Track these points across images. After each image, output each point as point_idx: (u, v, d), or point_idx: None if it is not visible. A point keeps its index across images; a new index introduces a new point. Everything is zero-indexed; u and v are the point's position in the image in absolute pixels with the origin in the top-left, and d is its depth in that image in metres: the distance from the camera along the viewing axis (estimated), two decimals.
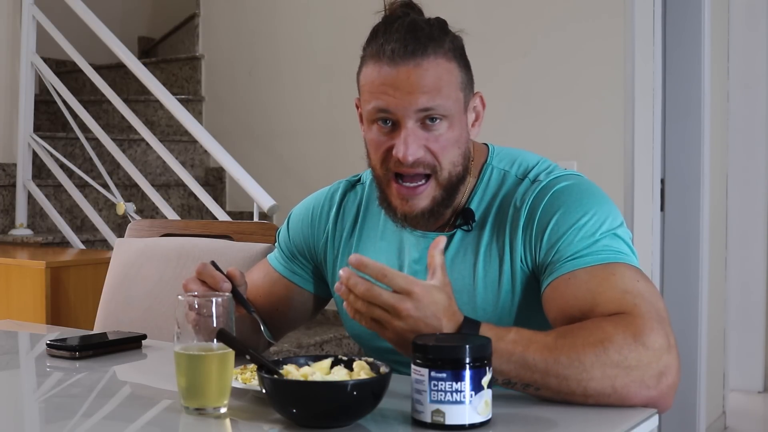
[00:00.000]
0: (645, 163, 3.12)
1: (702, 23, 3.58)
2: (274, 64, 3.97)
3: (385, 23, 1.30)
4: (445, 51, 1.29)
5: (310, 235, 1.51)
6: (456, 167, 1.32)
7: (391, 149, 1.29)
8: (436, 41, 1.28)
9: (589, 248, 1.24)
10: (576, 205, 1.29)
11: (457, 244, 1.36)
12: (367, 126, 1.33)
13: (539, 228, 1.29)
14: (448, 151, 1.30)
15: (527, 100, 3.23)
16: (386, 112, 1.28)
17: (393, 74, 1.27)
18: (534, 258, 1.30)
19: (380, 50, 1.28)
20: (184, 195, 4.00)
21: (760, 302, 4.66)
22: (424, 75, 1.26)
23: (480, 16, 3.30)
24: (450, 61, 1.29)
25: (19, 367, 1.51)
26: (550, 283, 1.25)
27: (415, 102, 1.26)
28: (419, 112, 1.27)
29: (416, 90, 1.26)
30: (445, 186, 1.31)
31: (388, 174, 1.32)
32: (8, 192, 3.57)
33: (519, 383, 1.13)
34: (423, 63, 1.26)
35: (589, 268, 1.22)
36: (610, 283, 1.20)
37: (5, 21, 3.64)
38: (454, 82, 1.30)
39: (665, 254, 3.60)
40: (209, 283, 1.31)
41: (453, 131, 1.30)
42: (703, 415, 3.60)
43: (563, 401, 1.13)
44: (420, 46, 1.27)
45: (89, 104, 3.90)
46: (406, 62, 1.26)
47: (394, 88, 1.27)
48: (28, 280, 2.68)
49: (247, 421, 1.12)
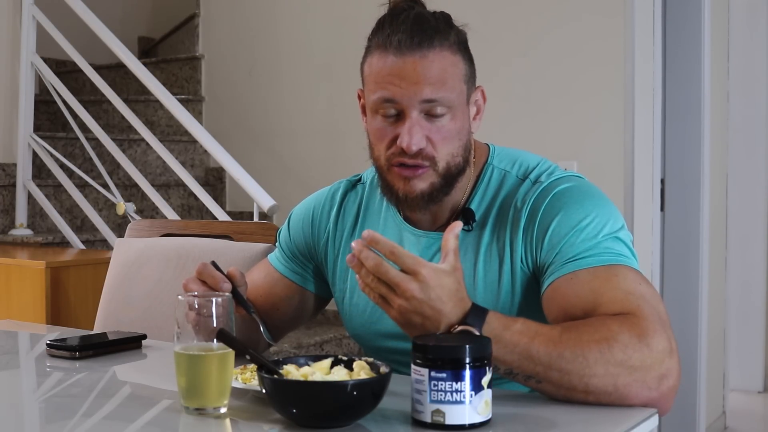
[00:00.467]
0: (645, 163, 3.12)
1: (702, 23, 3.58)
2: (274, 64, 3.97)
3: (391, 15, 1.32)
4: (450, 44, 1.30)
5: (310, 235, 1.51)
6: (455, 158, 1.32)
7: (394, 139, 1.30)
8: (442, 34, 1.30)
9: (591, 250, 1.25)
10: (578, 207, 1.29)
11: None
12: (371, 115, 1.34)
13: (540, 229, 1.29)
14: (448, 142, 1.31)
15: (527, 100, 3.23)
16: (392, 102, 1.29)
17: (399, 64, 1.28)
18: (535, 259, 1.30)
19: (387, 41, 1.29)
20: (184, 195, 4.00)
21: (760, 302, 4.66)
22: (430, 66, 1.27)
23: (480, 15, 3.30)
24: (455, 53, 1.31)
25: (19, 367, 1.51)
26: (551, 283, 1.25)
27: (421, 92, 1.27)
28: (424, 103, 1.28)
29: (422, 80, 1.27)
30: (443, 175, 1.32)
31: (389, 162, 1.32)
32: (8, 192, 3.57)
33: (521, 374, 1.13)
34: (429, 54, 1.28)
35: (591, 269, 1.23)
36: (612, 284, 1.21)
37: (5, 21, 3.64)
38: (458, 74, 1.31)
39: (665, 254, 3.60)
40: (209, 283, 1.31)
41: (455, 123, 1.31)
42: (703, 415, 3.60)
43: (563, 397, 1.14)
44: (426, 38, 1.28)
45: (89, 104, 3.90)
46: (412, 53, 1.27)
47: (400, 78, 1.28)
48: (28, 280, 2.68)
49: (247, 421, 1.12)
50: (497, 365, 1.12)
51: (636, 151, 3.03)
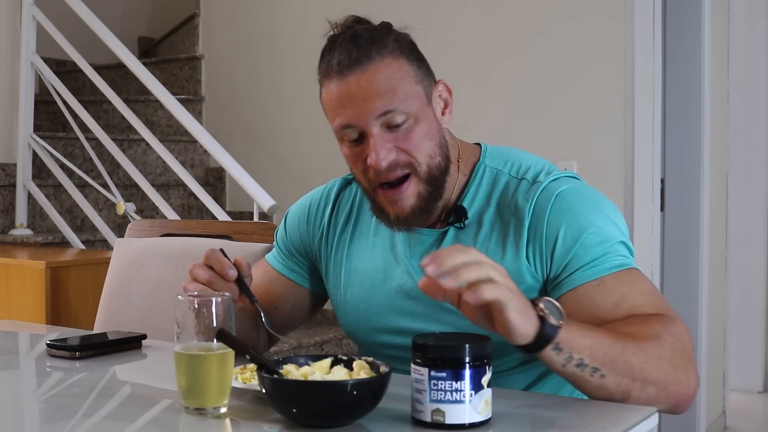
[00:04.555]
0: (645, 163, 3.12)
1: (702, 23, 3.59)
2: (274, 64, 3.97)
3: (329, 42, 1.32)
4: (390, 51, 1.29)
5: (306, 232, 1.52)
6: (434, 159, 1.32)
7: (366, 161, 1.30)
8: (378, 43, 1.29)
9: (607, 255, 1.27)
10: (586, 210, 1.30)
11: (450, 241, 1.36)
12: (339, 144, 1.34)
13: (550, 231, 1.30)
14: (420, 145, 1.30)
15: (527, 100, 3.23)
16: (349, 126, 1.29)
17: (344, 86, 1.28)
18: (543, 260, 1.30)
19: (328, 67, 1.29)
20: (184, 195, 4.00)
21: (760, 302, 4.66)
22: (373, 79, 1.27)
23: (480, 15, 3.30)
24: (398, 58, 1.30)
25: (19, 367, 1.51)
26: (574, 287, 1.27)
27: (373, 108, 1.27)
28: (380, 117, 1.27)
29: (370, 95, 1.26)
30: (427, 179, 1.32)
31: (372, 185, 1.33)
32: (8, 192, 3.57)
33: (589, 366, 1.11)
34: (370, 67, 1.27)
35: (615, 274, 1.26)
36: (639, 288, 1.25)
37: (5, 21, 3.64)
38: (406, 78, 1.30)
39: (665, 254, 3.60)
40: (216, 268, 1.30)
41: (421, 126, 1.30)
42: (703, 415, 3.60)
43: (621, 394, 1.13)
44: (363, 52, 1.27)
45: (89, 104, 3.90)
46: (353, 70, 1.27)
47: (349, 99, 1.27)
48: (28, 280, 2.68)
49: (247, 421, 1.12)
50: (571, 355, 1.10)
51: (636, 151, 3.03)
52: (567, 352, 1.10)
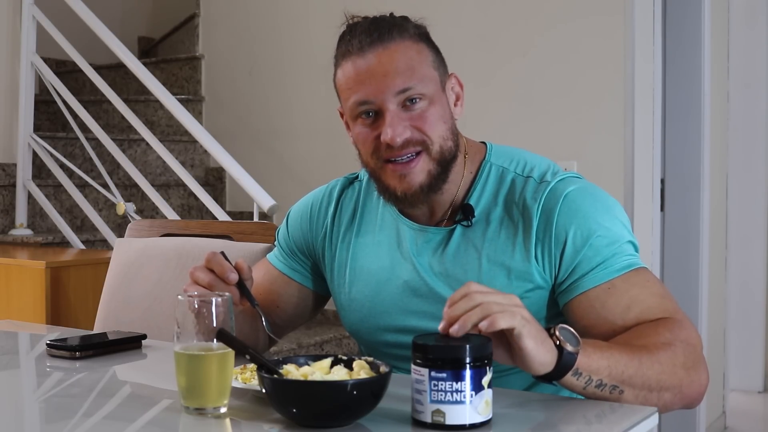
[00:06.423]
0: (645, 163, 3.12)
1: (702, 23, 3.58)
2: (274, 64, 3.97)
3: (349, 27, 1.35)
4: (410, 34, 1.32)
5: (308, 232, 1.52)
6: (446, 141, 1.33)
7: (379, 138, 1.31)
8: (399, 26, 1.32)
9: (615, 256, 1.29)
10: (595, 211, 1.31)
11: (458, 239, 1.37)
12: (353, 124, 1.35)
13: (559, 232, 1.30)
14: (435, 126, 1.32)
15: (527, 100, 3.23)
16: (367, 102, 1.30)
17: (364, 63, 1.30)
18: (552, 260, 1.31)
19: (348, 46, 1.32)
20: (184, 195, 4.00)
21: (760, 302, 4.66)
22: (394, 56, 1.29)
23: (479, 15, 3.30)
24: (417, 42, 1.33)
25: (19, 367, 1.51)
26: (584, 292, 1.28)
27: (392, 84, 1.29)
28: (398, 94, 1.29)
29: (390, 72, 1.29)
30: (438, 159, 1.33)
31: (380, 162, 1.33)
32: (8, 192, 3.57)
33: (608, 385, 1.13)
34: (391, 46, 1.30)
35: (624, 276, 1.27)
36: (648, 290, 1.27)
37: (5, 21, 3.64)
38: (425, 61, 1.33)
39: (665, 254, 3.60)
40: (217, 271, 1.31)
41: (435, 108, 1.32)
42: (703, 415, 3.60)
43: (637, 403, 1.14)
44: (385, 32, 1.30)
45: (89, 104, 3.90)
46: (374, 47, 1.30)
47: (369, 76, 1.29)
48: (28, 280, 2.68)
49: (247, 421, 1.12)
50: (590, 377, 1.11)
51: (636, 151, 3.03)
52: (586, 375, 1.11)
